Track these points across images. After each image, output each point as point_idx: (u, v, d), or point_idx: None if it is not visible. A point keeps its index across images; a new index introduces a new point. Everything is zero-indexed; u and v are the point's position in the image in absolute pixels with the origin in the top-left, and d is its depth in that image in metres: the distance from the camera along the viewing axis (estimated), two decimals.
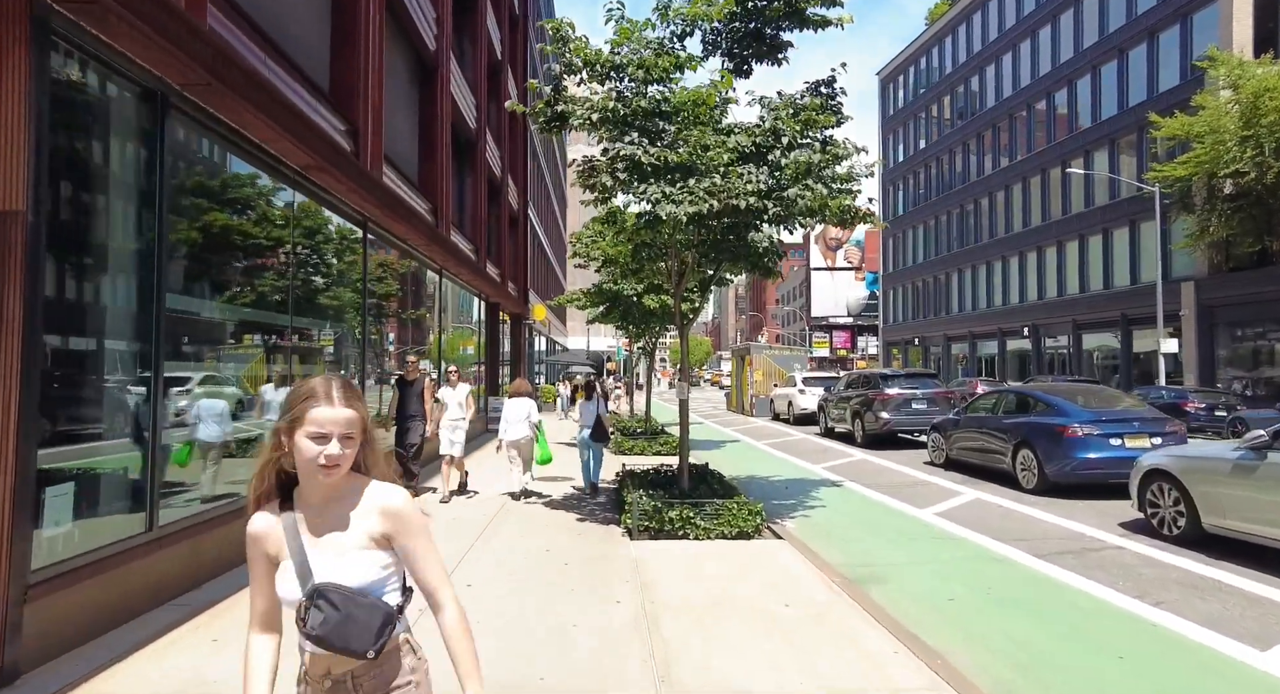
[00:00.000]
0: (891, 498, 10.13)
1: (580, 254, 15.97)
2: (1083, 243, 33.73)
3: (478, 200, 18.51)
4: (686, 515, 7.43)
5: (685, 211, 6.72)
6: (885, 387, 15.82)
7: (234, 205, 6.75)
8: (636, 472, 10.21)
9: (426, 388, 9.43)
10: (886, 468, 13.14)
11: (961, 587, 6.05)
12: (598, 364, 46.66)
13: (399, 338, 12.23)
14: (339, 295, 9.21)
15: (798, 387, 22.92)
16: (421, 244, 11.93)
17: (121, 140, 5.06)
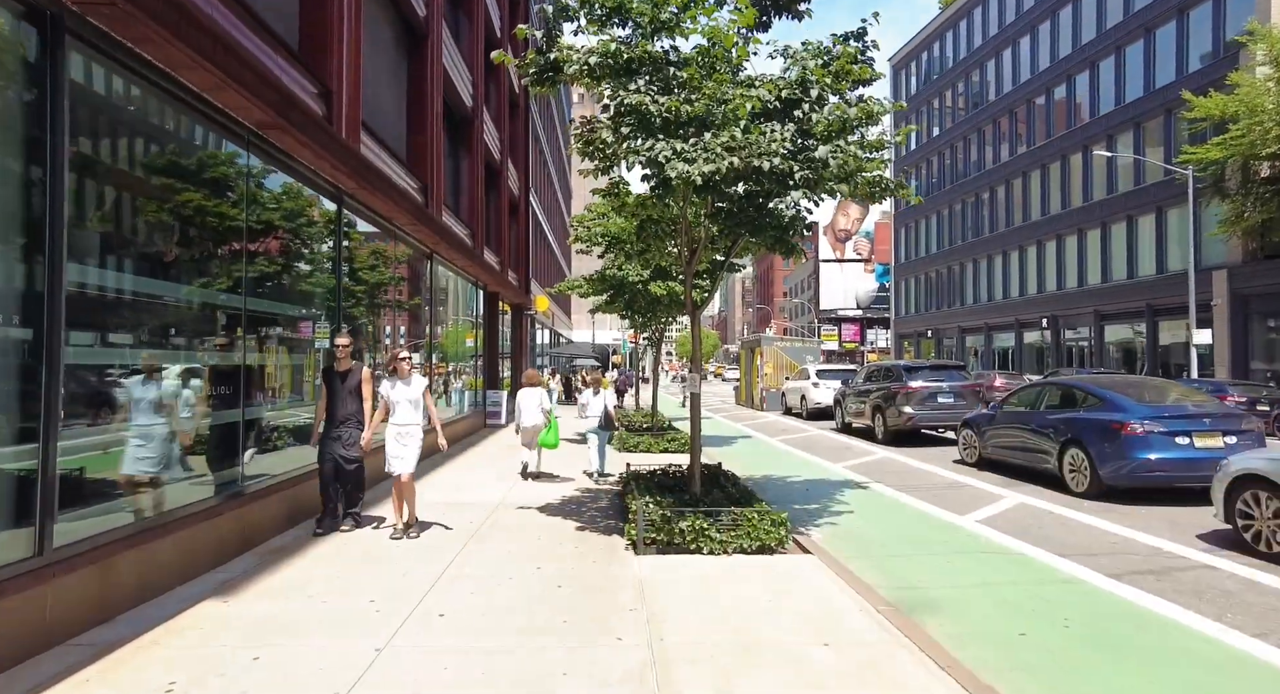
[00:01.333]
0: (925, 502, 9.12)
1: (581, 237, 14.98)
2: (1105, 231, 32.51)
3: (474, 183, 17.51)
4: (700, 526, 6.43)
5: (700, 171, 5.70)
6: (909, 379, 14.78)
7: (168, 165, 5.76)
8: (642, 472, 9.23)
9: (364, 380, 7.20)
10: (914, 467, 12.11)
11: (1031, 618, 5.03)
12: (602, 357, 45.75)
13: (380, 326, 11.25)
14: (308, 277, 8.22)
15: (811, 380, 21.88)
16: (408, 224, 10.93)
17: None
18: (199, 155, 6.11)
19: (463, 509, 8.34)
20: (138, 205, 5.33)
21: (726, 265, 7.86)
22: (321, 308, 8.61)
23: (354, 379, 7.21)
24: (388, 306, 11.22)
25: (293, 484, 7.48)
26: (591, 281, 14.91)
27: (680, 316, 16.51)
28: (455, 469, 11.48)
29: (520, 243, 26.02)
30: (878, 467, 12.34)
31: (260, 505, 6.76)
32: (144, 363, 5.23)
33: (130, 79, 5.06)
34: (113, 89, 5.03)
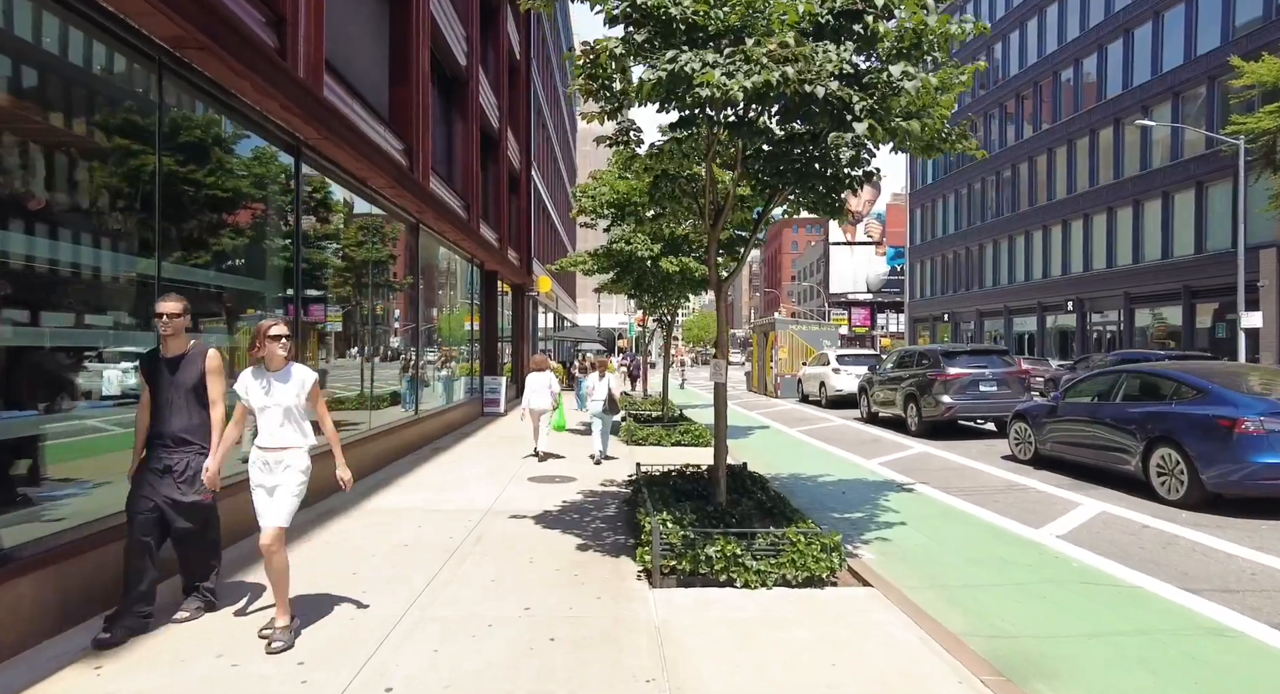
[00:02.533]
0: (986, 510, 7.78)
1: (585, 208, 13.58)
2: (1137, 208, 30.86)
3: (470, 151, 16.09)
4: (732, 552, 5.11)
5: (742, 84, 4.30)
6: (947, 365, 13.39)
7: (54, 84, 4.41)
8: (655, 474, 7.92)
9: (209, 373, 4.38)
10: (959, 465, 10.76)
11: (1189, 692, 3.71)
12: (608, 341, 44.48)
13: (358, 305, 9.91)
14: (253, 238, 6.86)
15: (831, 365, 20.50)
16: (387, 187, 9.56)
17: None
18: (94, 78, 4.75)
19: (444, 518, 7.04)
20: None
21: (760, 228, 6.47)
22: (277, 282, 7.27)
23: (192, 371, 4.33)
24: (363, 281, 9.88)
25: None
26: (596, 257, 13.52)
27: (694, 296, 15.15)
28: (443, 465, 10.20)
29: (521, 219, 24.61)
30: (917, 463, 10.99)
31: None
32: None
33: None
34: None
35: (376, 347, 10.65)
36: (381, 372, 10.67)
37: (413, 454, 11.07)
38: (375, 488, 8.50)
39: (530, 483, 8.97)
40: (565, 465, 10.39)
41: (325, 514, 7.16)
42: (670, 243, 13.51)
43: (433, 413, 12.71)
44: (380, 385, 10.59)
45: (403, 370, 11.53)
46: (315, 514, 7.15)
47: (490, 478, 9.29)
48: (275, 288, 7.23)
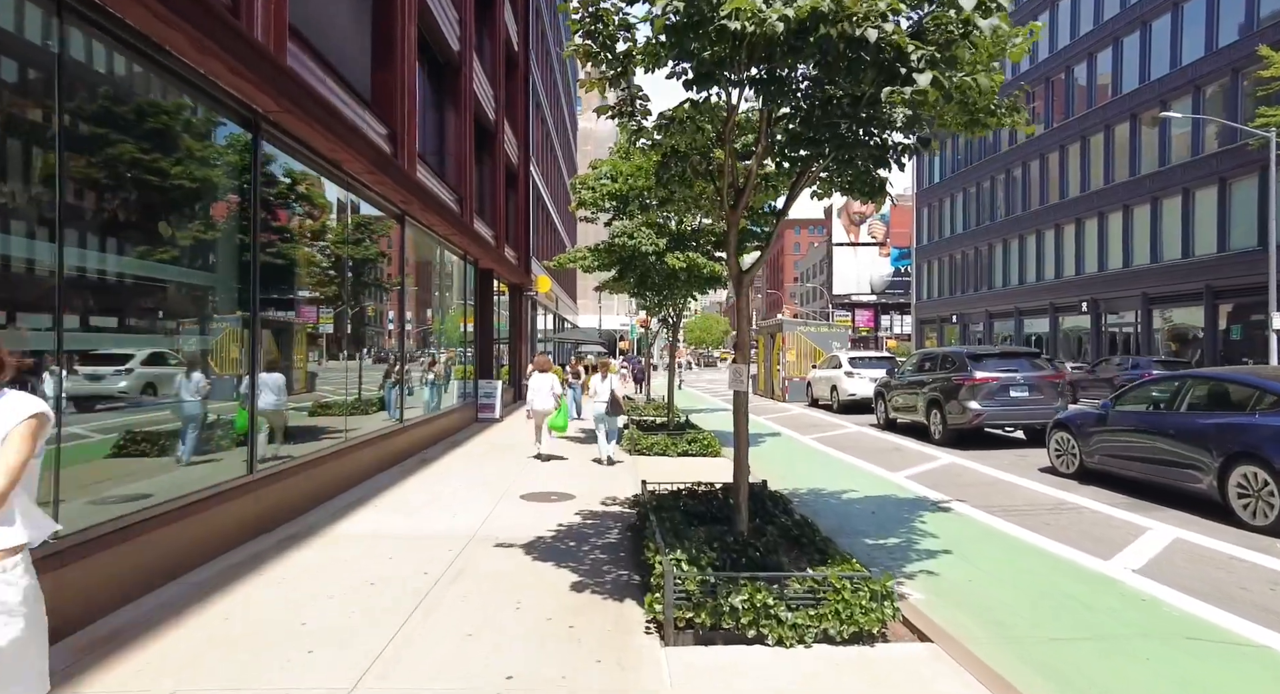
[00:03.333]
0: (1039, 535, 6.83)
1: (586, 201, 12.66)
2: (1155, 206, 29.90)
3: (463, 141, 15.18)
4: (762, 602, 4.17)
5: (782, 13, 3.37)
6: (974, 368, 12.43)
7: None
8: (663, 493, 6.99)
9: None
10: (994, 479, 9.81)
11: None
12: (609, 343, 43.57)
13: (335, 301, 8.97)
14: (198, 224, 5.93)
15: (844, 368, 19.55)
16: (365, 172, 8.63)
17: None
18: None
19: (421, 547, 6.09)
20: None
21: (788, 209, 5.53)
22: (232, 276, 6.34)
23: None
24: (341, 277, 8.94)
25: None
26: (597, 252, 12.59)
27: (702, 294, 14.22)
28: (429, 479, 9.26)
29: (520, 217, 23.71)
30: (947, 477, 10.05)
31: None
32: None
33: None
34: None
35: (358, 349, 9.73)
36: (365, 376, 9.75)
37: (398, 466, 10.14)
38: (349, 508, 7.56)
39: (523, 502, 8.03)
40: (565, 472, 9.47)
41: (285, 541, 6.23)
42: (676, 238, 12.60)
43: (420, 420, 11.78)
44: (364, 391, 9.67)
45: (387, 375, 10.60)
46: (274, 541, 6.22)
47: (479, 494, 8.35)
48: (229, 283, 6.29)
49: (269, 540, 6.22)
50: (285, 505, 6.86)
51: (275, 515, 6.66)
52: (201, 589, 4.97)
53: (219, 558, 5.68)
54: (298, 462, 7.21)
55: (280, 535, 6.39)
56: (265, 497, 6.48)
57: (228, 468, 6.11)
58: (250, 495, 6.25)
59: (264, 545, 6.08)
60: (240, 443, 6.33)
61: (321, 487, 7.71)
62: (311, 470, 7.45)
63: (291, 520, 6.91)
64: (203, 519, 5.52)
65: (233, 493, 5.98)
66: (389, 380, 10.53)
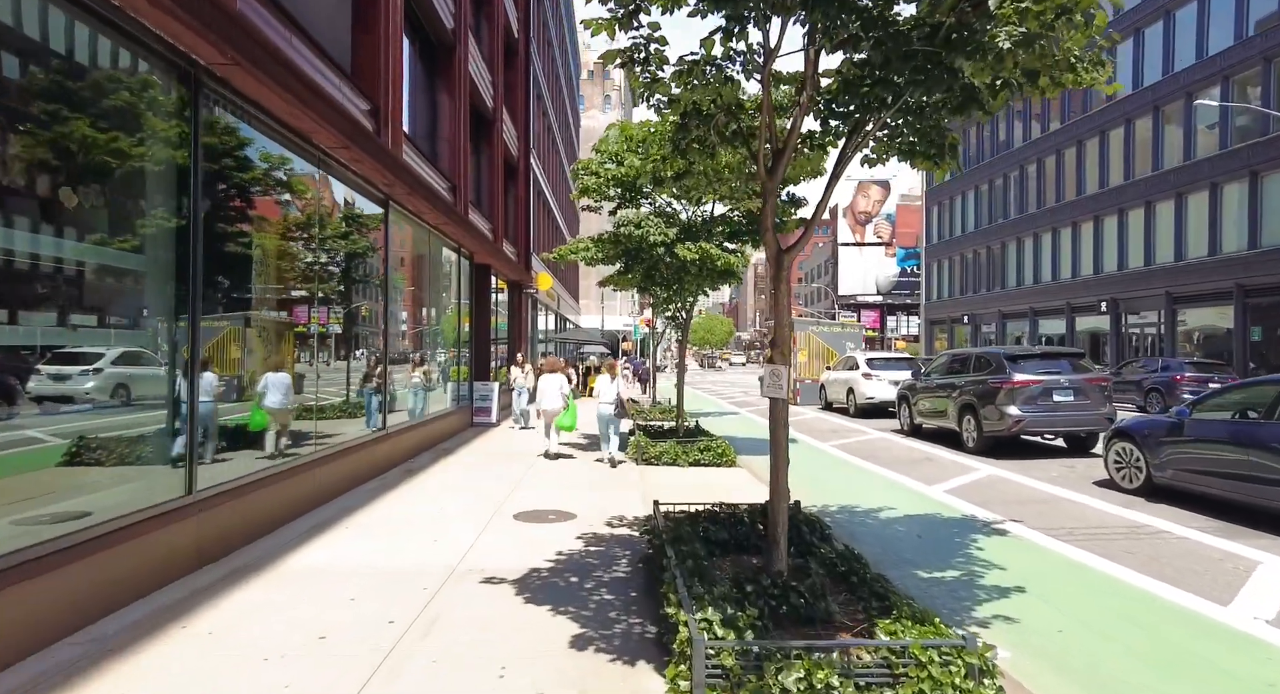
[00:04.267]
0: (1124, 567, 5.79)
1: (588, 187, 11.65)
2: (1180, 202, 28.78)
3: (458, 126, 14.17)
4: (824, 681, 3.13)
5: None
6: (1013, 370, 11.36)
7: None
8: (679, 515, 5.96)
9: None
10: (1047, 494, 8.76)
11: None
12: (612, 344, 42.57)
13: (303, 294, 7.94)
14: (120, 196, 4.91)
15: (861, 370, 18.49)
16: (338, 146, 7.61)
17: None
18: None
19: (392, 584, 5.06)
20: None
21: (841, 174, 4.48)
22: (167, 259, 5.31)
23: None
24: (309, 267, 7.91)
25: None
26: (601, 243, 11.56)
27: (714, 291, 13.21)
28: (412, 494, 8.23)
29: (519, 211, 22.69)
30: (991, 491, 9.00)
31: None
32: None
33: None
34: None
35: (333, 349, 8.72)
36: (338, 378, 8.73)
37: (378, 479, 9.12)
38: (313, 532, 6.53)
39: (517, 523, 6.99)
40: (566, 481, 8.44)
41: (231, 575, 5.21)
42: (686, 228, 11.57)
43: (405, 426, 10.75)
44: (339, 395, 8.65)
45: (366, 377, 9.57)
46: (219, 574, 5.20)
47: (467, 513, 7.32)
48: (164, 268, 5.26)
49: (208, 576, 5.19)
50: (235, 531, 5.84)
51: (222, 543, 5.63)
52: (103, 648, 3.94)
53: (141, 601, 4.66)
54: (251, 479, 6.18)
55: (225, 569, 5.37)
56: (209, 522, 5.45)
57: (158, 489, 5.08)
58: (188, 521, 5.22)
59: (201, 583, 5.05)
60: (178, 459, 5.30)
61: (282, 506, 6.68)
62: (268, 488, 6.42)
63: (243, 548, 5.89)
64: (120, 554, 4.50)
65: (164, 520, 4.96)
66: (369, 384, 9.50)
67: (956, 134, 4.57)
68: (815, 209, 4.51)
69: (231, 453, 6.16)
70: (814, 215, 4.59)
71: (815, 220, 4.61)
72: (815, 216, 4.59)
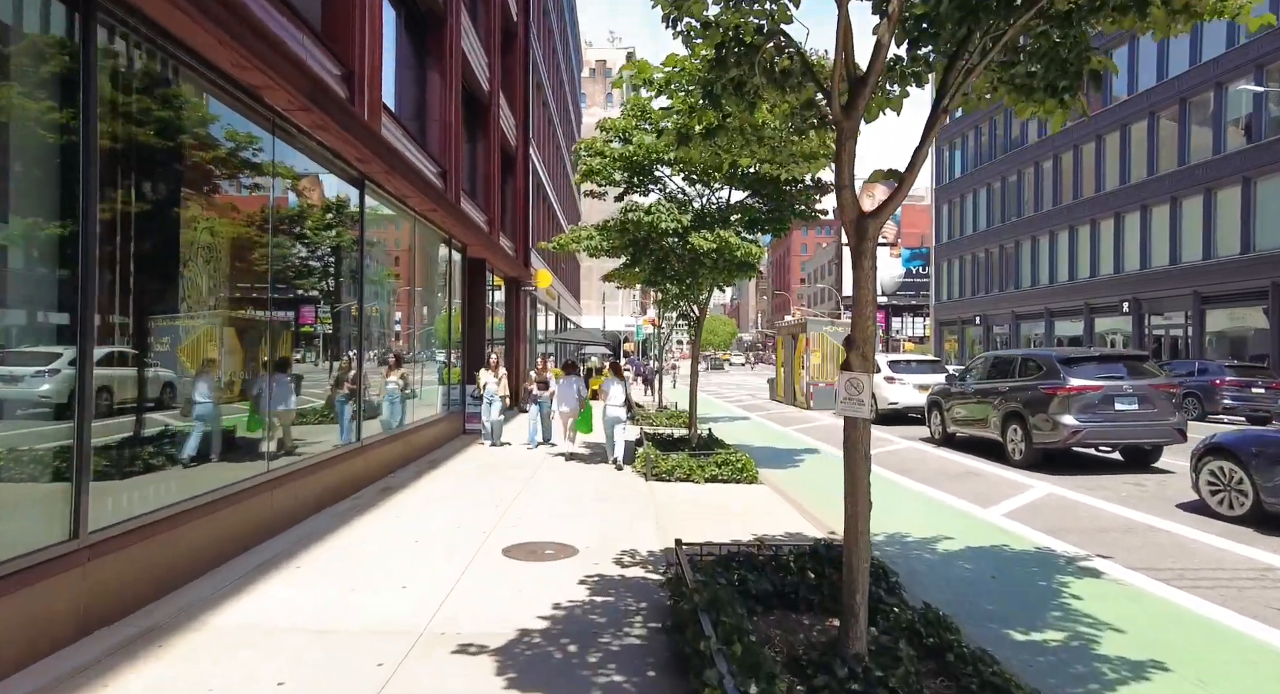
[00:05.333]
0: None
1: (593, 169, 10.46)
2: (1209, 198, 27.54)
3: (449, 107, 12.97)
4: None
5: None
6: (1067, 374, 10.12)
7: None
8: (706, 558, 4.77)
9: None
10: (1128, 521, 7.53)
11: None
12: (614, 344, 41.35)
13: (250, 287, 6.70)
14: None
15: (884, 373, 17.26)
16: (296, 108, 6.40)
17: None
18: None
19: (339, 653, 3.84)
20: None
21: (948, 102, 3.26)
22: (52, 240, 4.10)
23: None
24: (259, 254, 6.68)
25: None
26: (605, 231, 10.34)
27: (730, 286, 12.00)
28: (385, 519, 7.00)
29: (518, 205, 21.49)
30: (1058, 515, 7.78)
31: None
32: None
33: None
34: None
35: (296, 350, 7.51)
36: (308, 383, 7.51)
37: (351, 499, 7.91)
38: (258, 573, 5.31)
39: (506, 561, 5.76)
40: (568, 499, 7.20)
41: (144, 637, 3.99)
42: (701, 216, 10.37)
43: (386, 437, 9.54)
44: (302, 404, 7.43)
45: (338, 382, 8.35)
46: (109, 644, 3.97)
47: (449, 545, 6.10)
48: (48, 254, 4.04)
49: (91, 649, 3.97)
50: (144, 579, 4.62)
51: (122, 599, 4.41)
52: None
53: None
54: (173, 511, 4.96)
55: (117, 636, 4.14)
56: (103, 572, 4.23)
57: (24, 533, 3.86)
58: (70, 574, 4.01)
59: (80, 659, 3.83)
60: (59, 492, 4.09)
61: (218, 542, 5.46)
62: (198, 522, 5.20)
63: (156, 602, 4.66)
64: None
65: (28, 577, 3.74)
66: (341, 390, 8.27)
67: (1103, 56, 3.36)
68: (913, 157, 3.29)
69: (150, 477, 4.94)
70: (911, 166, 3.37)
71: (914, 170, 3.37)
72: (914, 167, 3.36)
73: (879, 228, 3.33)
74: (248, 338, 6.44)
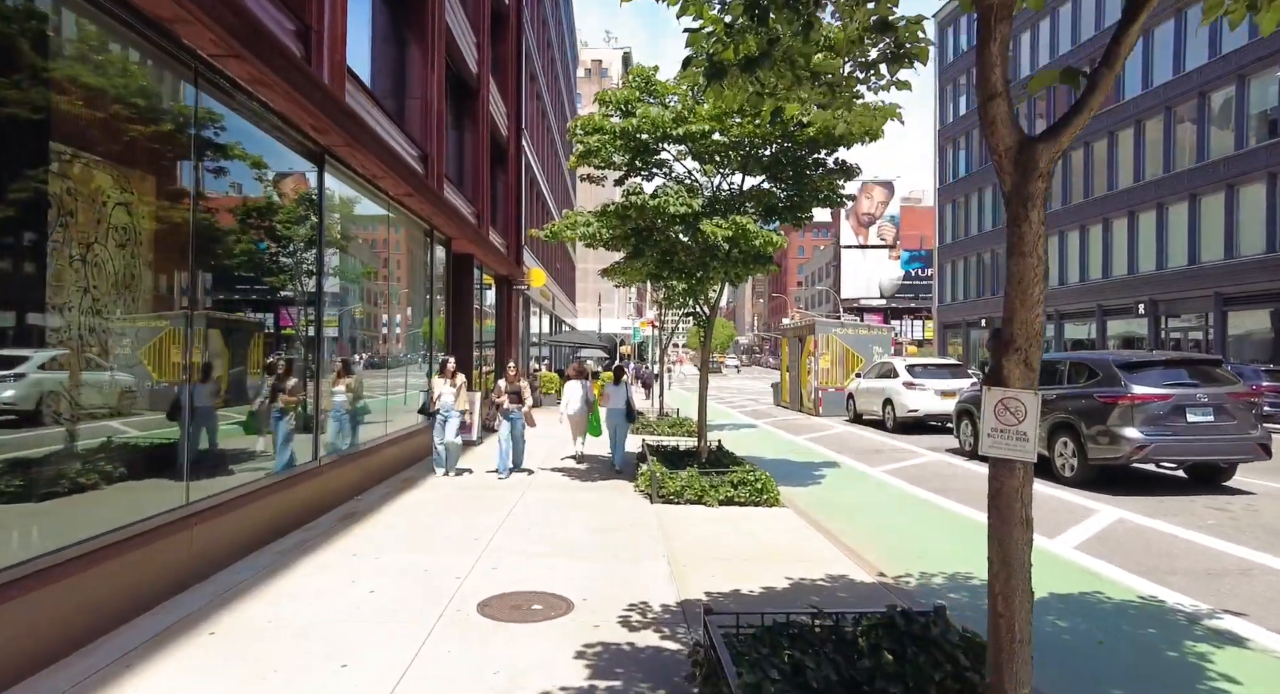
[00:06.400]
0: None
1: (592, 149, 9.25)
2: (1231, 194, 26.45)
3: (430, 85, 11.73)
4: None
5: None
6: (1129, 381, 8.91)
7: None
8: (744, 632, 3.54)
9: None
10: (1239, 561, 6.32)
11: None
12: (611, 347, 40.14)
13: (183, 277, 5.43)
14: None
15: (902, 378, 16.04)
16: (225, 54, 5.15)
17: None
18: None
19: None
20: None
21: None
22: None
23: None
24: (170, 233, 5.41)
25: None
26: (605, 216, 9.09)
27: (742, 282, 10.78)
28: (335, 561, 5.72)
29: (509, 200, 20.25)
30: (1144, 550, 6.56)
31: None
32: None
33: None
34: None
35: (241, 355, 6.25)
36: (240, 394, 6.25)
37: (299, 531, 6.64)
38: (155, 647, 4.04)
39: (481, 622, 4.50)
40: (563, 525, 5.91)
41: None
42: (712, 203, 9.16)
43: (350, 454, 8.28)
44: (229, 419, 6.17)
45: (274, 392, 7.06)
46: None
47: (408, 600, 4.83)
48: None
49: None
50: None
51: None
52: None
53: None
54: (22, 571, 3.69)
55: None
56: None
57: None
58: None
59: None
60: None
61: (102, 605, 4.19)
62: (67, 582, 3.93)
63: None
64: None
65: None
66: (275, 402, 6.93)
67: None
68: (1110, 46, 2.06)
69: (11, 515, 3.67)
70: (1108, 59, 2.14)
71: (1115, 64, 2.14)
72: (1113, 61, 2.13)
73: (1054, 157, 2.10)
74: (167, 339, 5.17)
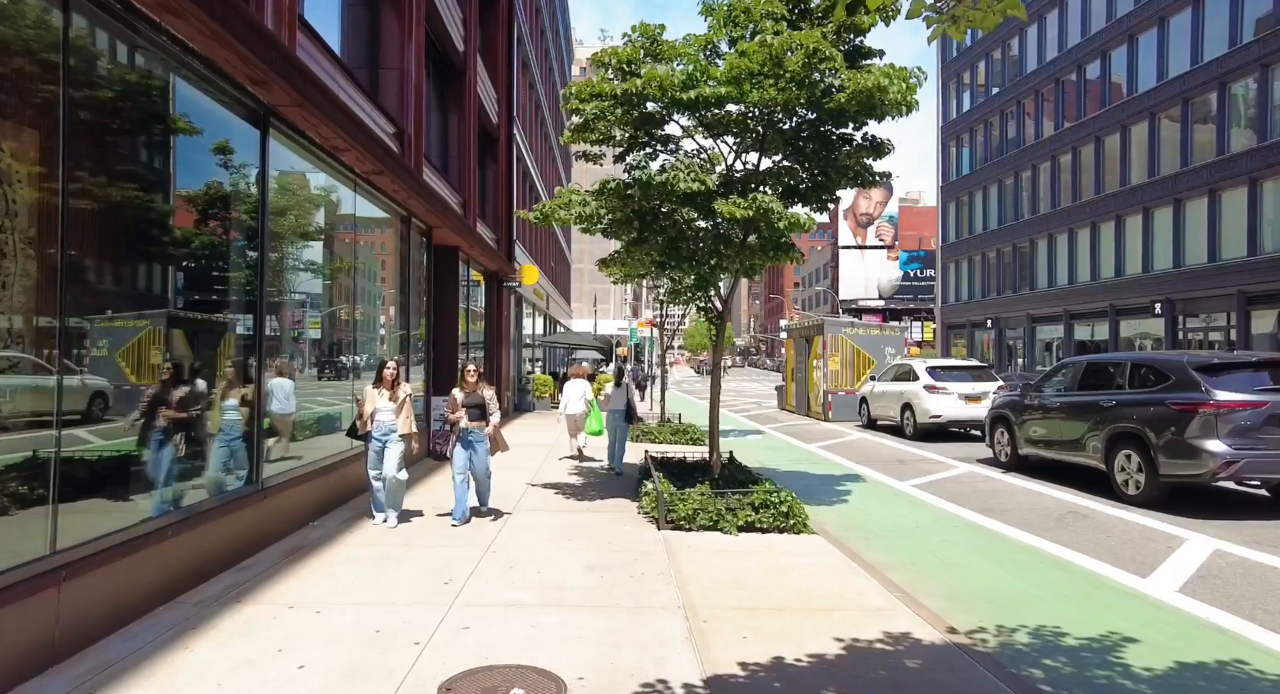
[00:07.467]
0: None
1: (589, 117, 8.05)
2: (1254, 189, 25.38)
3: (407, 57, 10.53)
4: None
5: None
6: (1211, 386, 7.71)
7: None
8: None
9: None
10: None
11: None
12: (607, 349, 38.93)
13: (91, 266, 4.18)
14: None
15: (923, 381, 14.85)
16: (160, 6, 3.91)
17: None
18: None
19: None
20: None
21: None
22: None
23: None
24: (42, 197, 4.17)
25: None
26: (604, 195, 7.86)
27: (756, 275, 9.57)
28: (261, 619, 4.48)
29: (500, 191, 19.02)
30: (1262, 591, 5.38)
31: None
32: None
33: None
34: None
35: (167, 358, 5.02)
36: (145, 406, 5.01)
37: (232, 572, 5.40)
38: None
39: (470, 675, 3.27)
40: (557, 560, 4.69)
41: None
42: (727, 181, 7.94)
43: (306, 474, 7.03)
44: (136, 436, 4.93)
45: (153, 404, 5.81)
46: None
47: (351, 677, 3.59)
48: None
49: None
50: None
51: None
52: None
53: None
54: None
55: None
56: None
57: None
58: None
59: None
60: None
61: None
62: None
63: None
64: None
65: None
66: (156, 420, 5.61)
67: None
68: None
69: None
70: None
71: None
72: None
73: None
74: (35, 337, 3.93)
